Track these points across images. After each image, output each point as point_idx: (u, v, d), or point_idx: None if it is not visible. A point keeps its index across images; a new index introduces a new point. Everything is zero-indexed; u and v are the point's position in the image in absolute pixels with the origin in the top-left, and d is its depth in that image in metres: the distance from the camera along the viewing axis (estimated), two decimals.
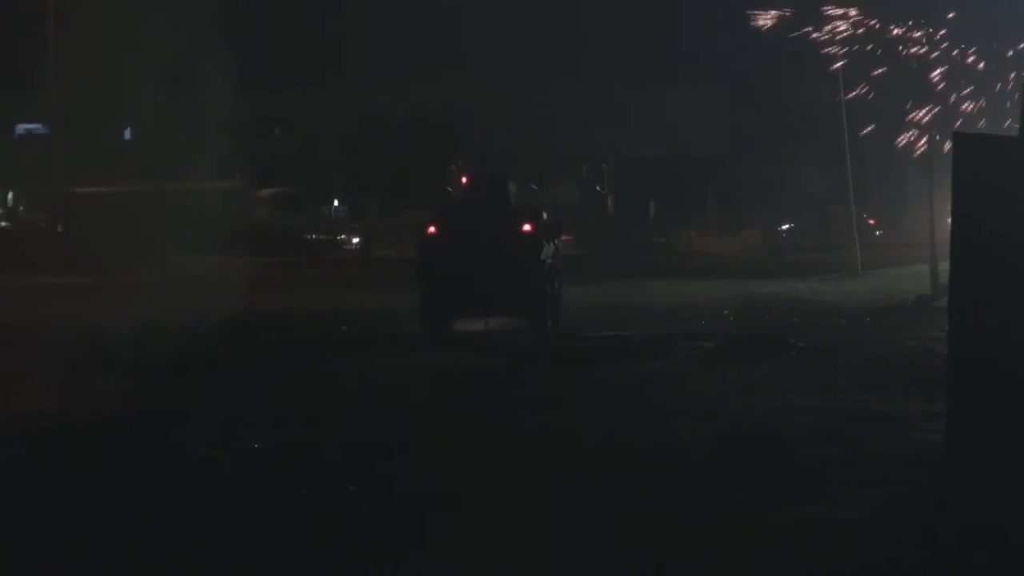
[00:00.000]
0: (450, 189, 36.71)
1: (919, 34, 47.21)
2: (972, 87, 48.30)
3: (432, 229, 33.13)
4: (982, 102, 47.32)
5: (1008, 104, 44.91)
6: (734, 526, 12.80)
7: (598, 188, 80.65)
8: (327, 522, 13.43)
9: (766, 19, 53.41)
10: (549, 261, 33.22)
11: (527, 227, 32.81)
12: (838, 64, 50.28)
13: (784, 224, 72.29)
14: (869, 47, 50.44)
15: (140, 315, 28.48)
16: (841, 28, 50.51)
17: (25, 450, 17.47)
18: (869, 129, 54.19)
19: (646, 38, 73.92)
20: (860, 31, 50.66)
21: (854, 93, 51.07)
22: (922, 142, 45.95)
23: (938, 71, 47.20)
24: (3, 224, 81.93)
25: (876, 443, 16.72)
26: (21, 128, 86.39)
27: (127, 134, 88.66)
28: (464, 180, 37.20)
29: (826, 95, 53.65)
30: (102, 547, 12.63)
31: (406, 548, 12.46)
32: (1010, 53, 47.53)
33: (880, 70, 50.16)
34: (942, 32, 47.70)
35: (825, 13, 50.79)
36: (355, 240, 66.58)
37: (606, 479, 15.18)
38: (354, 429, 18.90)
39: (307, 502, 14.33)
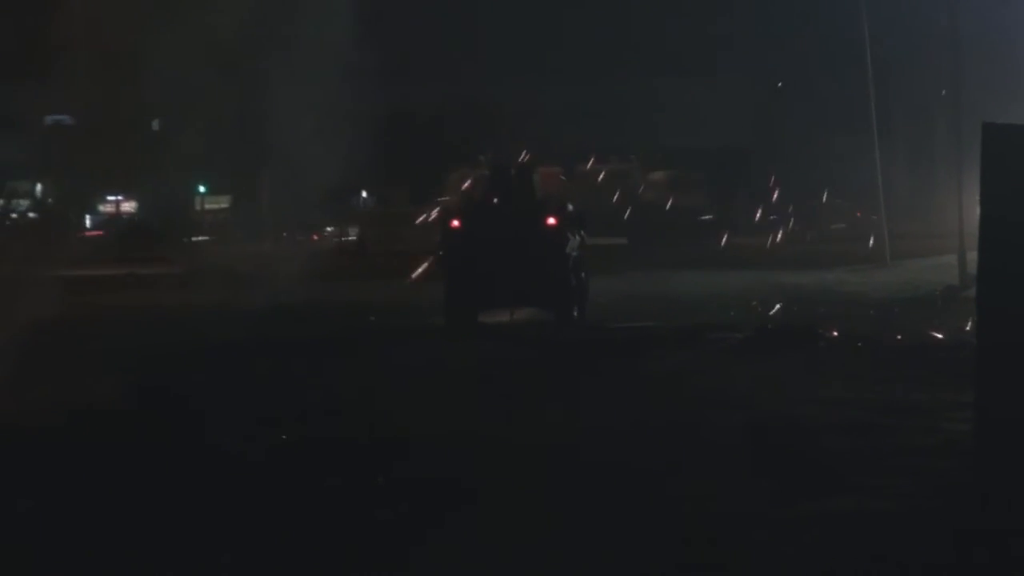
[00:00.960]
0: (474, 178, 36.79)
1: None
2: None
3: (456, 223, 33.25)
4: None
5: None
6: (763, 516, 12.80)
7: (627, 176, 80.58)
8: (371, 497, 13.54)
9: None
10: (574, 254, 33.02)
11: (552, 220, 32.69)
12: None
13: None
14: None
15: None
16: None
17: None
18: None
19: (680, 30, 73.62)
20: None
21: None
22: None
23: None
24: (32, 215, 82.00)
25: (905, 434, 16.72)
26: (50, 119, 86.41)
27: (155, 125, 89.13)
28: (487, 172, 37.19)
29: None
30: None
31: (435, 528, 12.54)
32: None
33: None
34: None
35: None
36: None
37: (636, 468, 15.20)
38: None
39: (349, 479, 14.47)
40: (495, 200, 33.57)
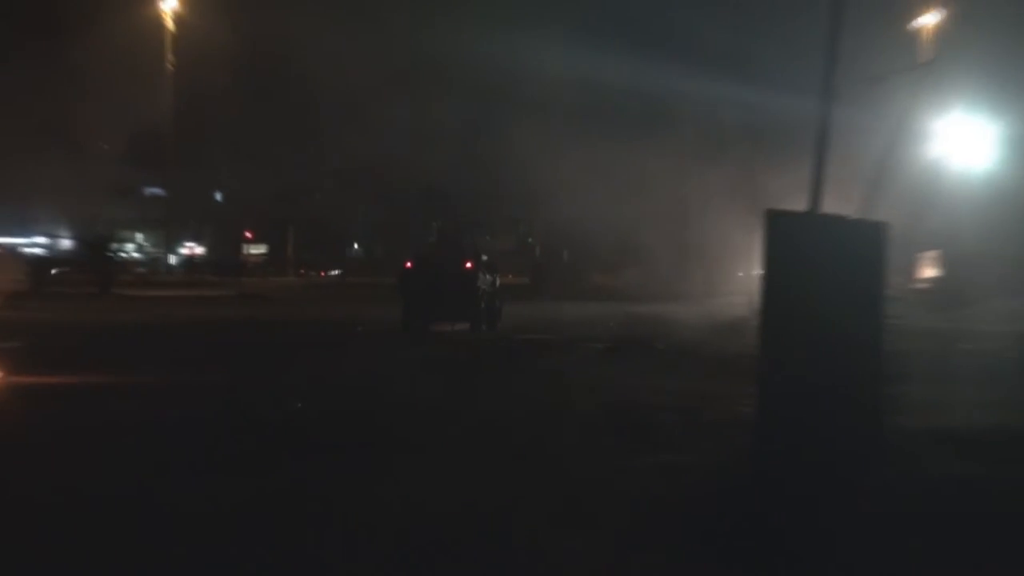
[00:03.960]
0: (430, 238, 37.94)
1: None
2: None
3: (410, 265, 35.26)
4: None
5: None
6: (613, 466, 12.72)
7: (529, 240, 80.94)
8: (348, 448, 13.36)
9: None
10: (485, 288, 35.07)
11: (468, 264, 34.88)
12: None
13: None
14: None
15: None
16: None
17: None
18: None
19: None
20: None
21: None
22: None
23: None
24: (136, 255, 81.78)
25: (711, 412, 16.64)
26: (148, 190, 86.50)
27: (218, 196, 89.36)
28: (439, 233, 38.90)
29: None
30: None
31: (390, 465, 12.38)
32: None
33: None
34: None
35: None
36: None
37: (527, 432, 15.06)
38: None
39: (333, 434, 14.27)
40: (437, 251, 35.88)
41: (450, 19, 61.94)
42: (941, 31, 62.64)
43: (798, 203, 13.44)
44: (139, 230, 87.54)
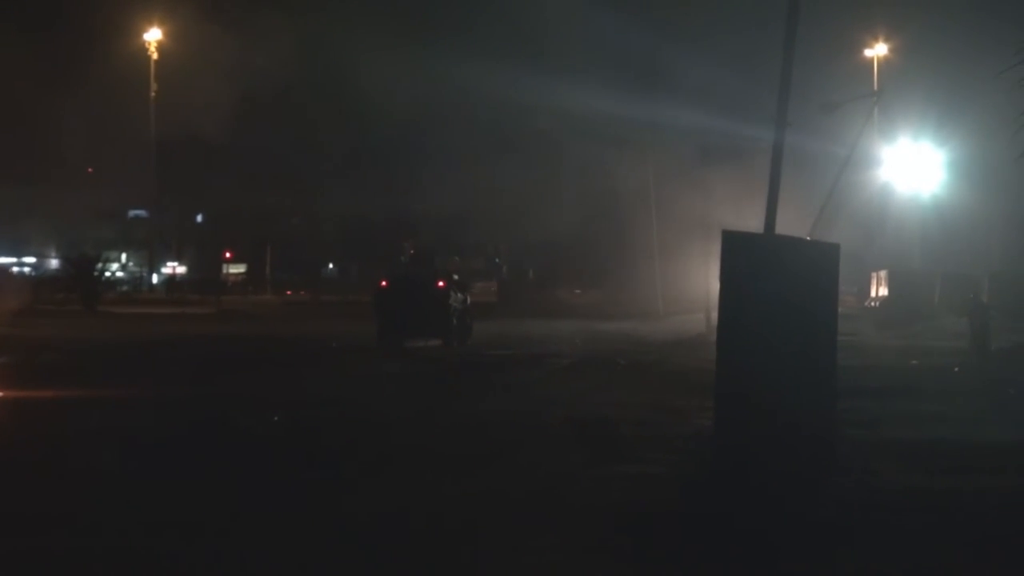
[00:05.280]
0: (402, 257, 38.10)
1: None
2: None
3: (384, 283, 35.24)
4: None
5: None
6: (576, 475, 12.69)
7: (496, 260, 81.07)
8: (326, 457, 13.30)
9: None
10: (456, 305, 35.08)
11: (440, 284, 34.91)
12: None
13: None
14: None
15: None
16: None
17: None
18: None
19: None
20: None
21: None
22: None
23: None
24: (120, 274, 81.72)
25: (670, 425, 16.64)
26: (132, 213, 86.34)
27: (199, 218, 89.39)
28: (411, 253, 39.05)
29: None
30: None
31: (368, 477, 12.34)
32: None
33: None
34: None
35: None
36: None
37: (495, 441, 15.06)
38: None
39: (312, 447, 14.19)
40: (410, 270, 35.97)
41: (427, 48, 62.04)
42: (889, 62, 63.11)
43: (754, 224, 13.47)
44: (123, 250, 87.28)
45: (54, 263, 75.61)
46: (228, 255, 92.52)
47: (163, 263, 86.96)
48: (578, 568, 9.21)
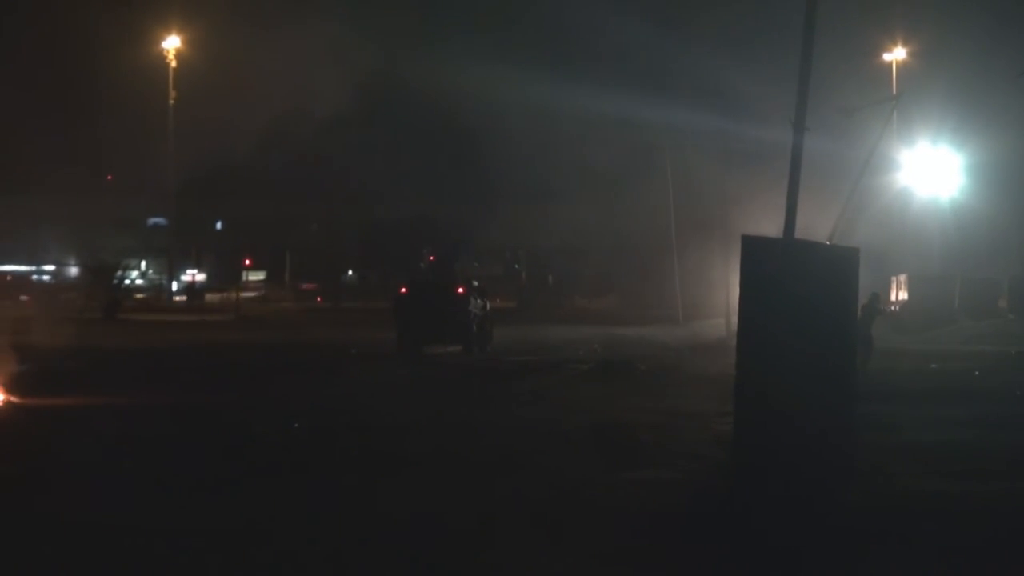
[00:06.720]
0: (421, 264, 38.09)
1: None
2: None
3: (403, 290, 35.18)
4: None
5: None
6: (597, 481, 12.71)
7: (516, 266, 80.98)
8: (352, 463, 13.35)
9: None
10: (476, 312, 34.87)
11: (460, 290, 34.81)
12: None
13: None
14: None
15: None
16: None
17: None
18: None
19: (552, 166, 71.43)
20: None
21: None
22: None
23: None
24: (139, 282, 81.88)
25: (689, 431, 16.66)
26: (151, 221, 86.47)
27: (218, 225, 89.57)
28: (431, 259, 38.97)
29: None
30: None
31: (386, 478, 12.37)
32: None
33: None
34: None
35: None
36: None
37: (518, 446, 15.09)
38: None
39: (337, 453, 14.24)
40: (429, 277, 35.87)
41: (437, 50, 61.90)
42: (908, 66, 62.93)
43: (774, 229, 13.48)
44: (142, 258, 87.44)
45: (73, 271, 75.77)
46: (248, 262, 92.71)
47: (183, 271, 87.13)
48: (597, 572, 9.23)
